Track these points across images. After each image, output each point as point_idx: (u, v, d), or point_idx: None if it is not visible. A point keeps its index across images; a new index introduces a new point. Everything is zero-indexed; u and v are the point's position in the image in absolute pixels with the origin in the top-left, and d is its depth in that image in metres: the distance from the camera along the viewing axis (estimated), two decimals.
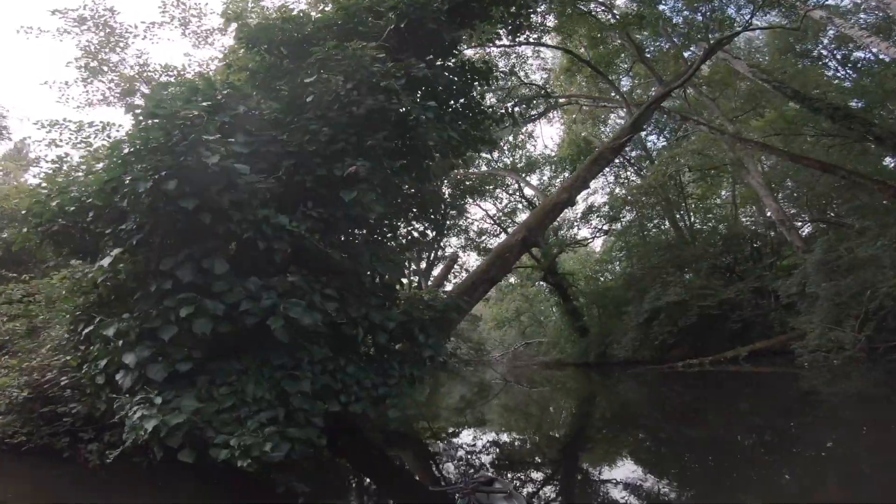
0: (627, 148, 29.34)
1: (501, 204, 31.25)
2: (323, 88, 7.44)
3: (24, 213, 7.51)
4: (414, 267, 26.44)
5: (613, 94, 24.72)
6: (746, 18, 18.15)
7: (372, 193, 6.98)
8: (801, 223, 23.42)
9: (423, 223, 11.17)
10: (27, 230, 7.41)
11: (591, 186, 31.01)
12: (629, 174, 32.26)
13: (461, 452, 9.90)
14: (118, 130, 12.13)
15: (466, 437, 11.94)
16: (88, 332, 6.66)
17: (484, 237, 30.71)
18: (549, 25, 20.79)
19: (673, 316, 21.71)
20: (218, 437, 5.37)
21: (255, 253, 6.41)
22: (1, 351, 9.40)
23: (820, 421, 10.47)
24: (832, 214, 22.73)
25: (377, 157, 7.45)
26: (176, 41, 50.11)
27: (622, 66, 25.38)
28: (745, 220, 28.60)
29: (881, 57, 21.36)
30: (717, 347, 19.49)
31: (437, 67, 9.18)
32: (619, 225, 31.64)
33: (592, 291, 31.18)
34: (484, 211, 31.50)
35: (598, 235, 32.79)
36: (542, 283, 31.52)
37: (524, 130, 29.65)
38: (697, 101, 25.10)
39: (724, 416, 11.72)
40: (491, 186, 28.68)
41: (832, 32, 22.67)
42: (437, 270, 26.86)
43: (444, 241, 27.85)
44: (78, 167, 8.34)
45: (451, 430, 12.73)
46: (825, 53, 24.37)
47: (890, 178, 18.67)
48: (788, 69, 21.73)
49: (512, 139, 29.63)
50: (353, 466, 9.04)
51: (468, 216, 30.15)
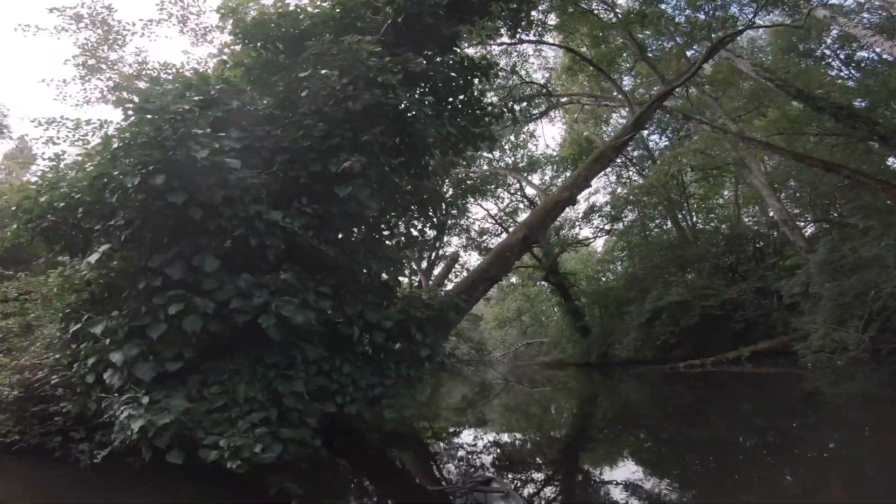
0: (629, 147, 29.29)
1: (503, 203, 31.20)
2: (318, 83, 7.30)
3: (13, 209, 7.40)
4: (415, 266, 26.34)
5: (615, 93, 24.58)
6: (749, 17, 18.03)
7: (367, 189, 6.84)
8: (803, 223, 23.27)
9: (422, 221, 11.03)
10: (18, 227, 7.30)
11: (592, 186, 30.98)
12: (631, 174, 32.26)
13: (461, 452, 9.87)
14: (116, 128, 12.00)
15: (466, 437, 11.88)
16: (76, 329, 6.55)
17: (485, 237, 30.61)
18: (550, 24, 20.76)
19: (675, 316, 21.61)
20: (207, 437, 5.25)
21: (247, 250, 6.27)
22: None
23: (823, 422, 10.42)
24: (835, 214, 22.60)
25: (373, 152, 7.30)
26: (175, 39, 49.91)
27: (624, 65, 25.29)
28: (747, 220, 28.49)
29: (885, 56, 21.37)
30: (719, 348, 19.40)
31: (435, 63, 9.07)
32: (620, 225, 31.59)
33: (594, 291, 31.16)
34: (485, 210, 31.43)
35: (599, 235, 32.75)
36: (543, 282, 31.49)
37: (525, 130, 29.55)
38: (700, 100, 25.01)
39: (726, 416, 11.63)
40: (492, 186, 28.52)
41: (835, 32, 22.66)
42: (438, 270, 26.79)
43: (445, 240, 27.78)
44: (73, 165, 8.24)
45: (450, 430, 12.65)
46: (828, 53, 24.36)
47: (894, 177, 18.58)
48: (792, 69, 21.65)
49: (513, 138, 29.55)
50: (351, 467, 8.96)
51: (469, 216, 30.14)
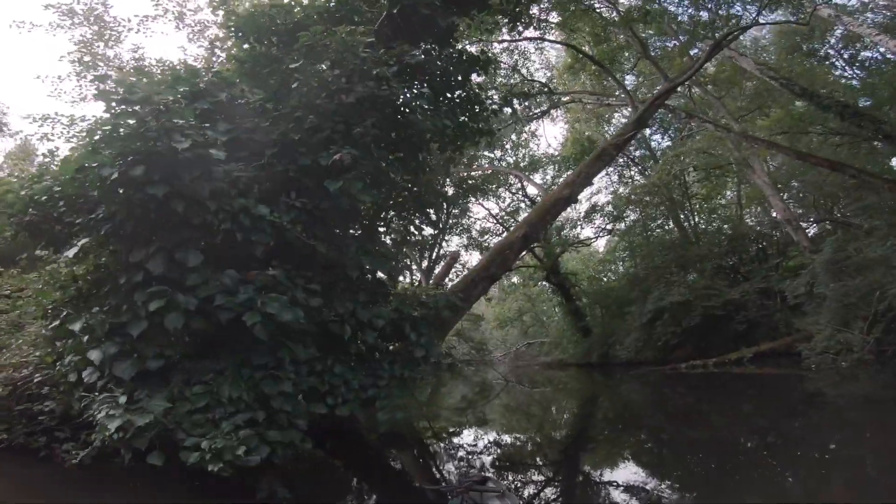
0: (631, 147, 29.25)
1: (504, 203, 31.03)
2: (310, 75, 7.11)
3: None
4: (415, 266, 26.19)
5: (618, 91, 24.40)
6: (753, 16, 17.85)
7: (359, 183, 6.63)
8: (806, 224, 23.08)
9: (418, 218, 10.83)
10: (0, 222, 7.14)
11: (594, 185, 31.13)
12: (633, 173, 32.12)
13: (460, 453, 9.77)
14: (99, 120, 11.84)
15: (465, 437, 11.79)
16: (54, 326, 6.37)
17: (486, 236, 30.43)
18: (552, 21, 20.59)
19: (677, 316, 21.48)
20: (188, 439, 5.06)
21: (234, 245, 6.08)
22: None
23: (826, 423, 10.29)
24: (839, 214, 22.42)
25: (366, 145, 7.09)
26: (172, 35, 49.65)
27: (626, 65, 25.13)
28: (749, 220, 28.28)
29: (889, 56, 21.25)
30: (721, 349, 19.27)
31: (432, 56, 8.88)
32: (622, 225, 31.46)
33: (595, 291, 31.04)
34: (486, 210, 31.28)
35: (601, 235, 32.60)
36: (544, 282, 31.37)
37: (527, 129, 29.42)
38: (703, 100, 24.81)
39: (727, 417, 11.49)
40: (493, 185, 28.36)
41: (839, 32, 22.57)
42: (439, 270, 26.61)
43: (445, 239, 27.62)
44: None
45: (450, 430, 12.54)
46: (832, 53, 24.25)
47: None
48: (795, 68, 21.50)
49: (515, 138, 29.40)
50: (347, 468, 8.82)
51: (471, 215, 29.98)
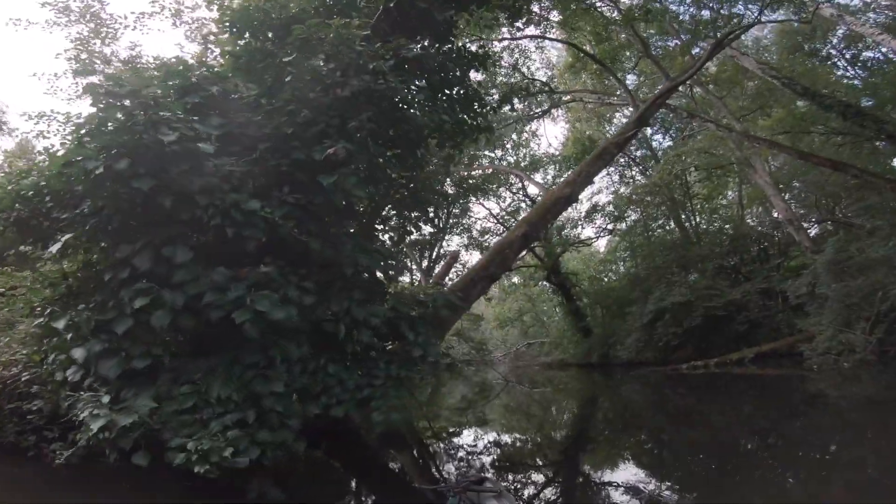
0: (633, 147, 29.14)
1: (505, 203, 30.91)
2: (303, 69, 6.98)
3: None
4: (414, 266, 26.07)
5: (619, 90, 24.27)
6: (755, 15, 17.72)
7: (353, 178, 6.47)
8: (807, 224, 22.97)
9: (417, 215, 10.69)
10: None
11: (595, 185, 31.11)
12: (634, 173, 32.00)
13: (459, 453, 9.66)
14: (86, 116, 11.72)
15: (464, 437, 11.68)
16: (38, 324, 6.25)
17: (487, 236, 30.31)
18: (552, 20, 20.48)
19: (678, 317, 21.36)
20: (174, 439, 4.93)
21: (225, 241, 5.93)
22: None
23: (828, 424, 10.18)
24: (840, 214, 22.31)
25: (362, 139, 6.96)
26: (169, 33, 49.44)
27: (627, 65, 25.02)
28: (751, 220, 28.17)
29: (891, 56, 21.21)
30: (722, 349, 19.18)
31: (430, 51, 8.74)
32: (623, 225, 31.41)
33: (596, 292, 30.93)
34: (487, 210, 31.17)
35: (602, 235, 32.56)
36: (545, 282, 31.27)
37: (528, 129, 29.30)
38: (704, 100, 24.67)
39: (728, 418, 11.38)
40: (494, 185, 28.24)
41: (841, 32, 22.49)
42: (439, 269, 26.50)
43: (446, 238, 27.50)
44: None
45: (449, 430, 12.44)
46: (834, 53, 24.18)
47: None
48: (797, 68, 21.40)
49: (515, 137, 29.29)
50: (345, 468, 8.71)
51: (471, 215, 29.90)
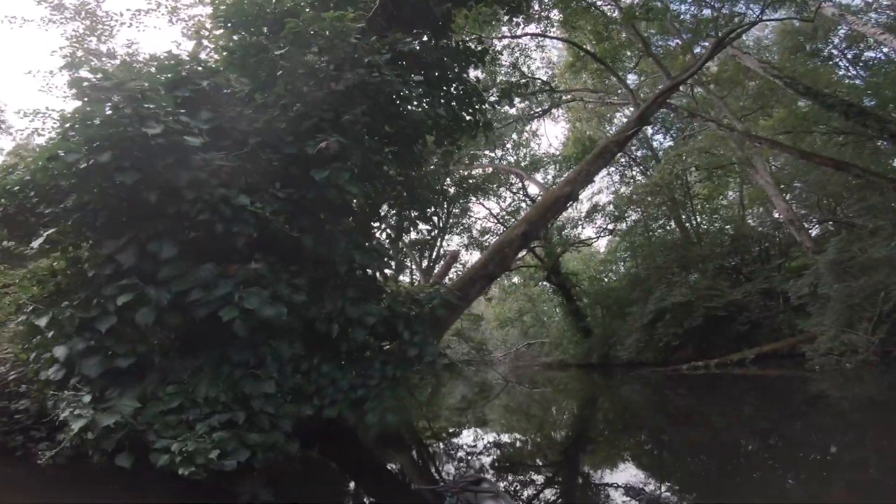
0: (633, 147, 29.02)
1: (505, 203, 30.80)
2: (296, 62, 6.83)
3: None
4: (414, 266, 25.97)
5: (620, 90, 24.14)
6: (756, 14, 17.60)
7: (347, 173, 6.31)
8: (808, 224, 22.84)
9: (413, 212, 10.54)
10: None
11: (595, 185, 31.01)
12: (635, 173, 31.84)
13: (459, 453, 9.51)
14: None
15: (463, 437, 11.52)
16: (22, 321, 6.11)
17: (487, 236, 30.19)
18: (553, 19, 20.37)
19: (678, 317, 21.21)
20: (158, 441, 4.79)
21: (215, 238, 5.79)
22: None
23: (829, 426, 10.02)
24: (842, 215, 22.18)
25: (356, 133, 6.81)
26: (166, 30, 49.24)
27: (628, 64, 24.91)
28: (751, 220, 28.03)
29: (892, 56, 21.11)
30: (723, 350, 19.04)
31: (427, 45, 8.59)
32: (623, 225, 31.25)
33: (596, 292, 30.74)
34: (487, 210, 31.05)
35: (602, 235, 32.41)
36: (545, 283, 31.13)
37: (528, 128, 29.20)
38: (705, 99, 24.55)
39: (729, 419, 11.23)
40: (494, 185, 28.15)
41: (843, 32, 22.42)
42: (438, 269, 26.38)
43: (446, 238, 27.41)
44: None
45: (448, 430, 12.29)
46: (836, 53, 24.06)
47: None
48: (798, 68, 21.30)
49: (516, 137, 29.18)
50: (341, 469, 8.56)
51: (471, 215, 29.81)
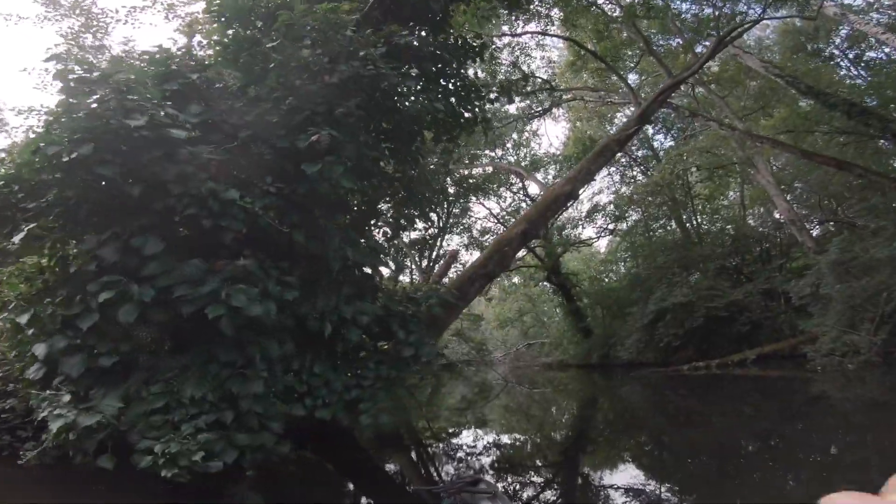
0: (634, 146, 28.87)
1: (505, 203, 30.67)
2: (288, 55, 6.68)
3: None
4: (414, 265, 25.85)
5: (621, 88, 23.99)
6: (758, 13, 17.48)
7: (339, 167, 6.15)
8: (810, 224, 22.73)
9: (411, 210, 10.39)
10: None
11: (596, 185, 30.88)
12: (635, 173, 31.68)
13: (458, 454, 9.43)
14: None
15: (461, 438, 11.44)
16: (3, 318, 5.98)
17: (487, 236, 30.05)
18: (553, 17, 20.22)
19: (679, 317, 21.08)
20: (142, 441, 4.65)
21: (203, 233, 5.63)
22: None
23: (831, 426, 9.93)
24: (843, 215, 22.06)
25: (350, 127, 6.65)
26: (162, 27, 49.12)
27: (629, 63, 24.76)
28: (752, 221, 27.88)
29: (894, 56, 20.94)
30: (723, 350, 18.94)
31: (425, 40, 8.44)
32: (624, 225, 31.17)
33: (596, 292, 30.63)
34: (487, 209, 30.93)
35: (602, 235, 32.30)
36: (545, 283, 31.02)
37: (529, 128, 29.05)
38: (706, 99, 24.43)
39: (730, 420, 11.15)
40: (494, 185, 28.02)
41: (845, 31, 22.35)
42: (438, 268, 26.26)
43: (445, 238, 27.27)
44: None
45: (447, 430, 12.22)
46: (837, 53, 23.96)
47: None
48: (800, 67, 21.18)
49: (516, 137, 29.05)
50: (337, 470, 8.45)
51: (471, 214, 29.69)
